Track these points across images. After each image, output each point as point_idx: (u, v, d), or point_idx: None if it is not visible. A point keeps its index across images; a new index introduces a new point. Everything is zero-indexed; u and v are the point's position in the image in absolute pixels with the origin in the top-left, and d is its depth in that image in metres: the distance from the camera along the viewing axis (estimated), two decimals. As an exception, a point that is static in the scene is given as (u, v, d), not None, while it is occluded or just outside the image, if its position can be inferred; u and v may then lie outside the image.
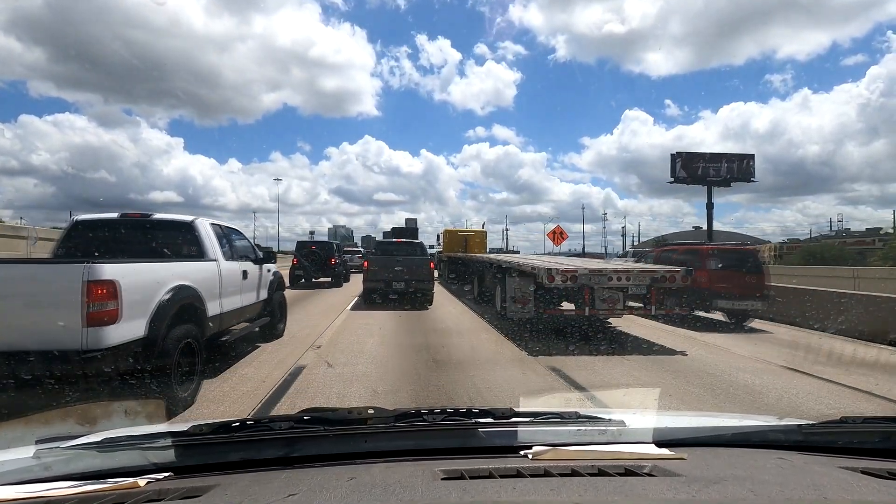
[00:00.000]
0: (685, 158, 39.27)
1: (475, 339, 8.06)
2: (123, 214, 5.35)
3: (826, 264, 27.57)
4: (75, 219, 5.35)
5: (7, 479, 1.07)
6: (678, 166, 38.81)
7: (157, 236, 5.32)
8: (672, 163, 39.12)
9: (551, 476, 1.00)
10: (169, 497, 0.93)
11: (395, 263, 11.98)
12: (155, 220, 5.37)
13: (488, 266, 11.68)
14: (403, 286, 11.86)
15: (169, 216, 5.51)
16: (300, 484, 0.97)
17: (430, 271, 12.38)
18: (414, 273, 11.96)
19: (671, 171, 38.95)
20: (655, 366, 6.30)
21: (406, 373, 5.56)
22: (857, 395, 5.17)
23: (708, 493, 0.91)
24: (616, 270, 7.90)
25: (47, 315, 3.31)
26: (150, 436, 1.23)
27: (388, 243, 14.29)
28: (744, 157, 39.46)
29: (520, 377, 5.49)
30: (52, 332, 3.27)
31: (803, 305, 9.82)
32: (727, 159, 39.16)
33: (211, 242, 5.41)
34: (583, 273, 7.61)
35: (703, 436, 1.35)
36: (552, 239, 25.15)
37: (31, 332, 3.29)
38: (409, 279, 11.89)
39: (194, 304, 4.50)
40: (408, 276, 11.88)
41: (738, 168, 38.71)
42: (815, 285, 12.17)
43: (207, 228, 5.48)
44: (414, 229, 35.63)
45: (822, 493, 0.92)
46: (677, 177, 38.88)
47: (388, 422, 1.24)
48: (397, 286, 11.85)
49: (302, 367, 5.69)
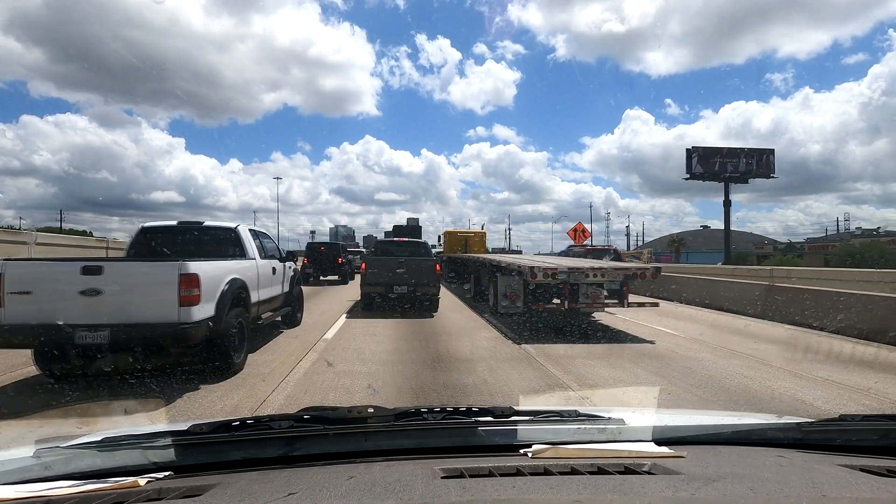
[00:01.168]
0: (702, 153, 37.15)
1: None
2: (181, 222, 6.73)
3: (869, 266, 23.57)
4: (142, 226, 6.61)
5: (7, 478, 1.06)
6: (694, 162, 36.87)
7: (207, 239, 6.52)
8: (687, 158, 37.02)
9: (551, 474, 1.00)
10: (169, 496, 0.93)
11: (397, 265, 10.65)
12: (205, 227, 6.64)
13: (483, 265, 12.35)
14: (406, 290, 10.54)
15: (217, 223, 6.79)
16: (300, 483, 0.97)
17: (435, 274, 10.86)
18: (418, 276, 10.63)
19: (686, 166, 36.96)
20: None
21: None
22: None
23: (707, 491, 0.91)
24: (593, 268, 8.68)
25: (156, 298, 4.56)
26: (150, 435, 1.23)
27: (389, 243, 13.22)
28: (763, 152, 37.26)
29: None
30: (159, 309, 4.53)
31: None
32: (745, 154, 37.02)
33: (250, 244, 6.59)
34: (562, 270, 8.28)
35: (703, 434, 1.35)
36: (573, 237, 24.36)
37: (145, 309, 4.55)
38: (413, 283, 10.57)
39: (243, 293, 5.68)
40: (411, 279, 10.58)
41: (758, 163, 36.73)
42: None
43: (247, 233, 6.69)
44: (417, 228, 31.88)
45: (821, 491, 0.93)
46: (693, 173, 36.91)
47: (388, 420, 1.24)
48: (399, 290, 10.56)
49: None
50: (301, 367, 5.70)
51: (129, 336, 4.43)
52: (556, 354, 6.65)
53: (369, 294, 10.96)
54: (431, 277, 10.76)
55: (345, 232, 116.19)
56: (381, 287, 10.67)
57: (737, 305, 11.78)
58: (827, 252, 42.78)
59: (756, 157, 37.01)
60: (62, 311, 4.40)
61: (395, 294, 10.60)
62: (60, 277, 4.57)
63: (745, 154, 37.11)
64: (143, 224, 6.66)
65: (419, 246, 12.49)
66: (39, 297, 4.48)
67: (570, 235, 24.60)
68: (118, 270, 4.71)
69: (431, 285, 10.75)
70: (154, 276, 4.70)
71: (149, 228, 6.52)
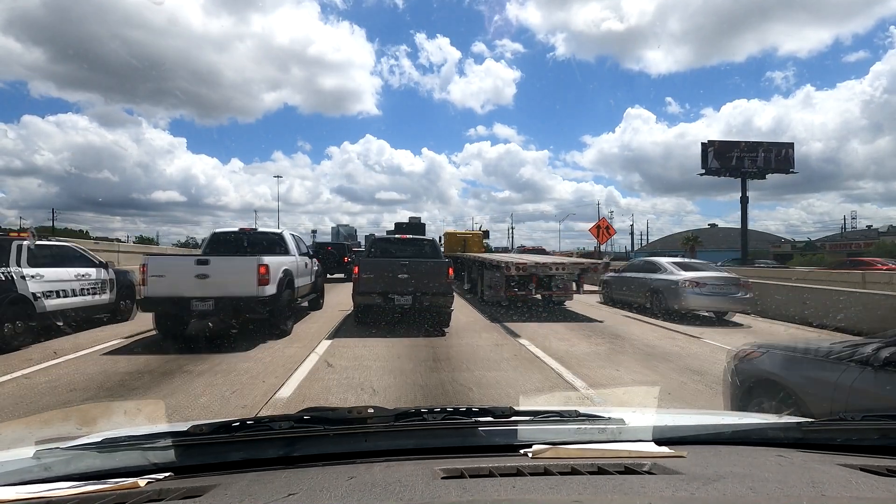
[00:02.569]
0: (718, 147, 35.66)
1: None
2: (241, 229, 9.30)
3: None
4: (214, 231, 9.38)
5: (7, 479, 1.07)
6: (710, 156, 35.37)
7: (261, 241, 9.04)
8: (703, 153, 35.62)
9: (551, 474, 1.00)
10: (169, 497, 0.93)
11: (399, 269, 8.36)
12: (259, 231, 9.42)
13: (474, 263, 14.27)
14: (410, 301, 8.30)
15: (267, 229, 9.87)
16: (300, 483, 0.97)
17: (447, 280, 8.49)
18: (425, 282, 8.35)
19: (702, 161, 35.53)
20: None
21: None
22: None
23: (707, 491, 0.91)
24: (555, 263, 11.14)
25: (243, 279, 6.93)
26: (151, 436, 1.23)
27: (388, 241, 10.80)
28: (782, 146, 36.03)
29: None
30: (245, 287, 6.91)
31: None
32: (764, 148, 35.67)
33: (292, 245, 9.18)
34: (531, 265, 10.60)
35: (703, 434, 1.35)
36: (595, 235, 22.77)
37: (236, 287, 6.90)
38: (419, 291, 8.31)
39: (290, 280, 8.15)
40: (416, 286, 8.31)
41: (777, 157, 35.40)
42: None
43: (290, 236, 9.41)
44: (420, 226, 28.12)
45: (821, 491, 0.92)
46: (709, 168, 35.46)
47: (388, 421, 1.24)
48: (401, 301, 8.31)
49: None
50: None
51: (226, 304, 6.89)
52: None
53: (363, 306, 8.78)
54: (442, 284, 8.39)
55: (346, 231, 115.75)
56: (377, 297, 8.39)
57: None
58: (851, 251, 40.80)
59: (775, 150, 35.86)
60: (183, 288, 6.80)
61: (396, 306, 8.37)
62: (182, 266, 7.04)
63: (763, 148, 35.80)
64: (214, 230, 9.45)
65: (426, 244, 10.12)
66: (169, 279, 6.83)
67: (593, 233, 23.09)
68: (219, 262, 7.09)
69: (443, 294, 8.39)
70: (242, 265, 7.11)
71: (219, 233, 9.25)
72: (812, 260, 36.46)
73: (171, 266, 7.14)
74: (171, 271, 6.89)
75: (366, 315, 8.94)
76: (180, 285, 6.77)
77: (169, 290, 6.76)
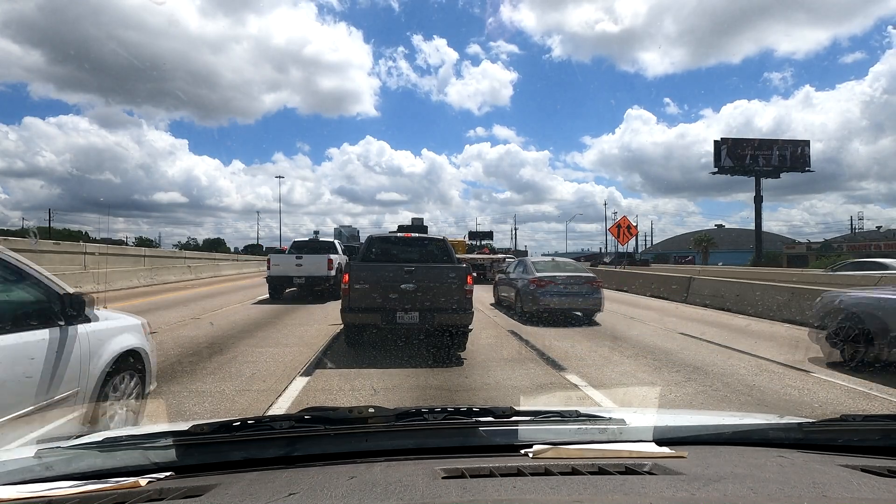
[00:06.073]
0: (731, 145, 34.69)
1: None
2: (311, 238, 16.64)
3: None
4: (294, 241, 15.59)
5: (8, 478, 1.07)
6: (723, 154, 34.40)
7: (322, 245, 15.19)
8: (716, 151, 34.63)
9: (552, 475, 1.00)
10: (170, 496, 0.93)
11: (403, 277, 6.35)
12: (319, 240, 16.39)
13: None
14: (417, 320, 6.32)
15: (324, 238, 17.48)
16: (301, 483, 0.97)
17: (465, 291, 6.43)
18: (437, 294, 6.40)
19: (714, 159, 34.59)
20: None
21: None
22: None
23: (708, 492, 0.91)
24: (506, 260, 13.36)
25: (321, 265, 13.57)
26: (151, 435, 1.23)
27: (387, 240, 8.07)
28: (798, 144, 34.94)
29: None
30: (322, 271, 13.52)
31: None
32: (779, 146, 34.62)
33: (339, 247, 15.31)
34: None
35: (704, 434, 1.35)
36: (616, 235, 21.31)
37: (316, 270, 13.52)
38: (429, 306, 6.35)
39: (340, 267, 13.41)
40: (426, 300, 6.35)
41: (792, 155, 34.33)
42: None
43: (337, 242, 16.34)
44: (423, 228, 27.49)
45: (822, 491, 0.92)
46: (722, 166, 34.48)
47: (388, 421, 1.24)
48: (406, 319, 6.31)
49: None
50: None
51: (311, 281, 13.39)
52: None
53: (355, 326, 6.67)
54: (459, 297, 6.42)
55: (348, 232, 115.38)
56: (375, 315, 6.35)
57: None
58: (871, 252, 39.17)
59: (790, 148, 34.90)
60: (288, 270, 13.55)
61: (399, 325, 6.37)
62: (288, 259, 13.79)
63: (778, 146, 34.78)
64: (294, 240, 15.62)
65: (435, 245, 7.67)
66: (281, 266, 13.67)
67: (613, 233, 21.72)
68: (308, 256, 13.54)
69: (460, 310, 6.42)
70: (319, 259, 13.56)
71: (297, 241, 15.05)
72: (835, 262, 34.58)
73: (281, 259, 13.83)
74: (282, 262, 13.64)
75: (358, 337, 6.80)
76: (287, 269, 13.43)
77: (281, 271, 13.50)
